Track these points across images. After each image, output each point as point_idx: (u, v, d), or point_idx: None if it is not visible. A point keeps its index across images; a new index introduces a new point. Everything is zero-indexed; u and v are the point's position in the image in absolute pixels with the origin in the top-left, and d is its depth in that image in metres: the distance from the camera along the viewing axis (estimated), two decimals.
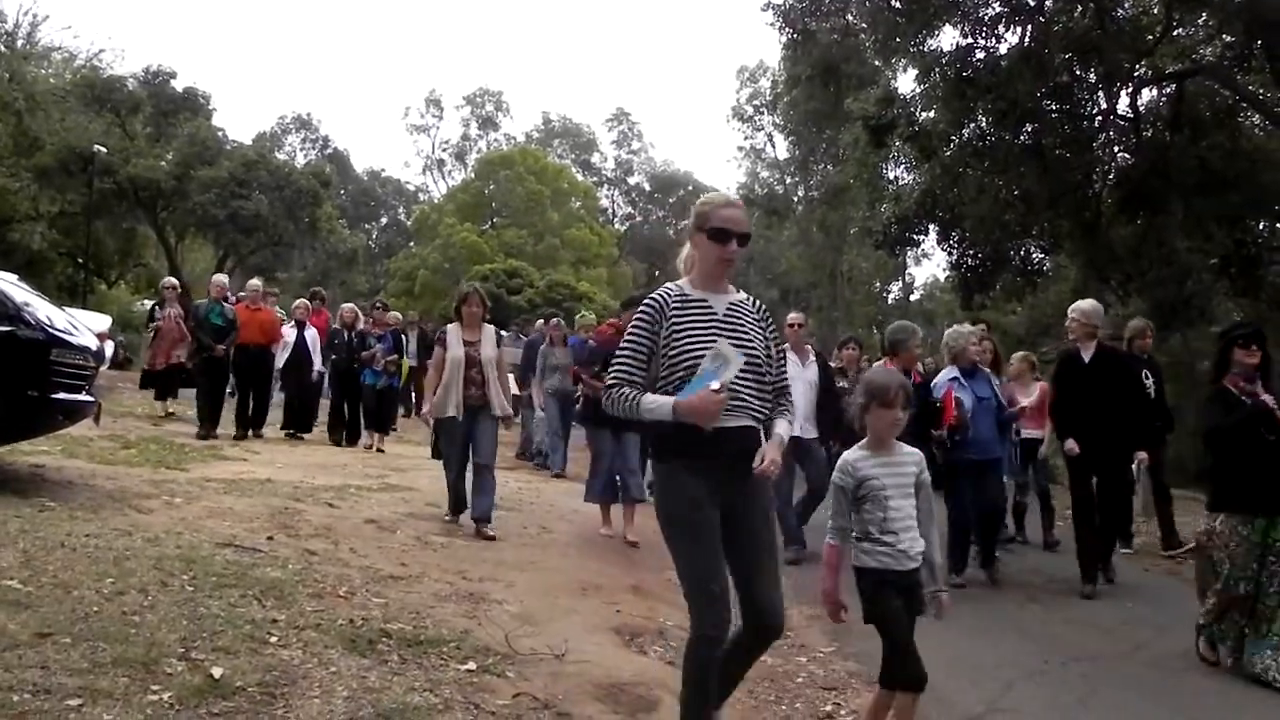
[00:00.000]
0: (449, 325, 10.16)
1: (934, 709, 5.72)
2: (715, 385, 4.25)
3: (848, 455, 5.03)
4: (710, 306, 4.66)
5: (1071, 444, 9.55)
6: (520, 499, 11.83)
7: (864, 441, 5.04)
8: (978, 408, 9.72)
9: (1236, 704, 6.51)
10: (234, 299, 16.50)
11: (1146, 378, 11.03)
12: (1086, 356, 9.68)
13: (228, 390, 15.88)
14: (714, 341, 4.44)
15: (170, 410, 16.44)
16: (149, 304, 18.83)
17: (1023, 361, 12.68)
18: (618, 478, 10.81)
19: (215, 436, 14.41)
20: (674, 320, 4.58)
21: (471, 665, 5.47)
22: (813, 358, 11.25)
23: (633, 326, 4.66)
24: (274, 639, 5.24)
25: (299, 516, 8.65)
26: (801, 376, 10.47)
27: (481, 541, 9.25)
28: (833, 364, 12.79)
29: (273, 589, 6.07)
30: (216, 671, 4.62)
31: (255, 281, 17.30)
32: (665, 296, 4.68)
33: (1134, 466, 10.75)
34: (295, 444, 15.35)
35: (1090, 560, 9.63)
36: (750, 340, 4.64)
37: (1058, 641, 7.88)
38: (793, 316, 11.37)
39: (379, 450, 15.43)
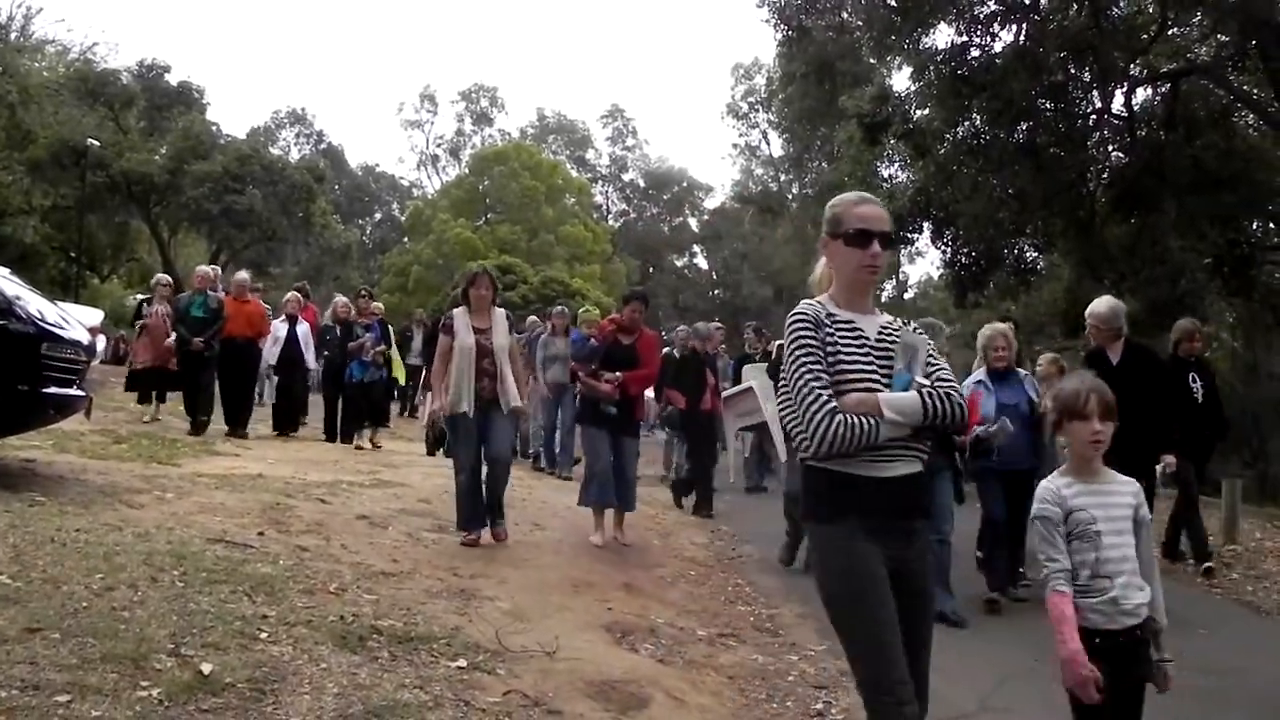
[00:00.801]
0: (455, 310, 9.28)
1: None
2: (921, 383, 3.75)
3: (1048, 483, 4.22)
4: (860, 330, 3.87)
5: None
6: (512, 496, 11.70)
7: (1064, 466, 4.26)
8: (1006, 414, 8.48)
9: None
10: (224, 293, 15.87)
11: (1194, 381, 10.41)
12: (1114, 358, 9.01)
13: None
14: (871, 372, 3.76)
15: (157, 417, 15.36)
16: (139, 298, 18.17)
17: (1052, 364, 11.40)
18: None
19: (192, 432, 14.22)
20: (829, 342, 3.80)
21: (462, 662, 5.46)
22: None
23: (799, 340, 3.78)
24: (264, 635, 5.22)
25: (290, 512, 8.61)
26: None
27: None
28: None
29: (263, 585, 6.05)
30: (206, 668, 4.60)
31: (242, 274, 16.68)
32: (815, 312, 3.85)
33: (1158, 469, 9.56)
34: (287, 440, 15.23)
35: None
36: None
37: (1050, 640, 7.87)
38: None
39: (375, 446, 15.20)
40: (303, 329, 16.48)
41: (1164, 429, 9.09)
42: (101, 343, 17.14)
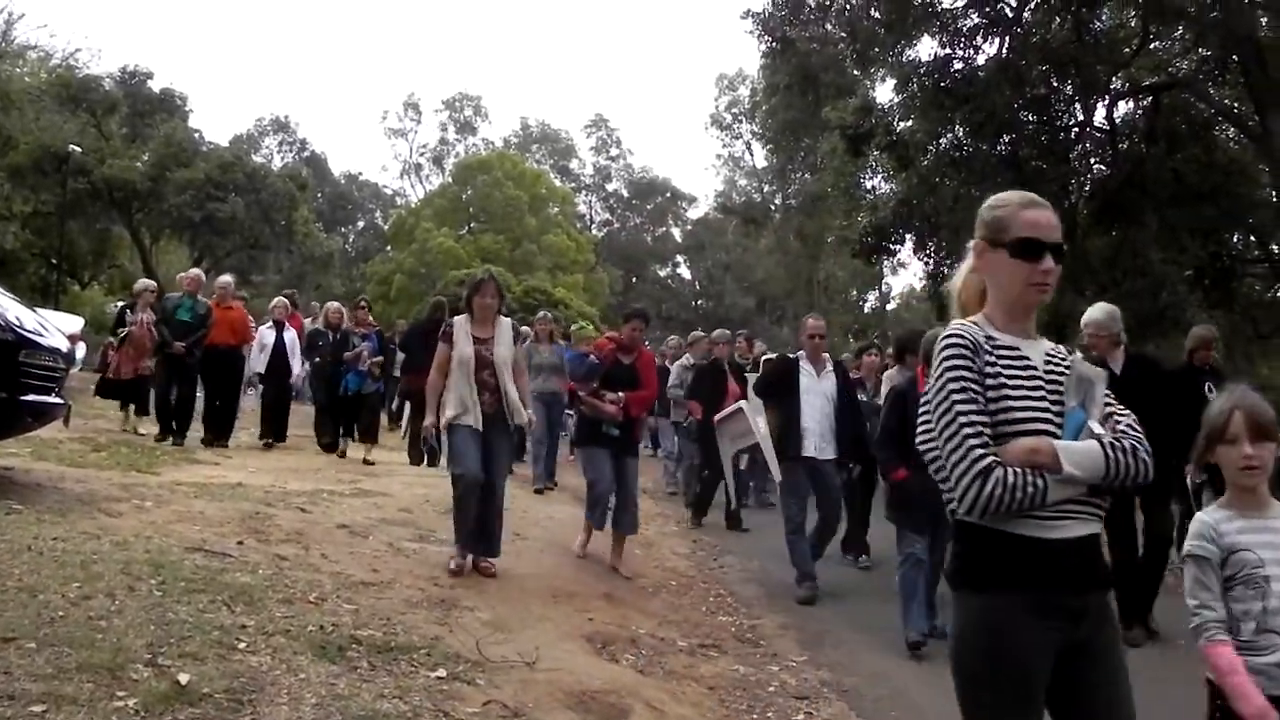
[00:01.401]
0: (456, 319, 8.52)
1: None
2: (1098, 429, 3.06)
3: (1205, 516, 3.53)
4: (1026, 358, 3.20)
5: None
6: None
7: (1222, 499, 3.58)
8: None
9: None
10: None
11: (1210, 390, 9.09)
12: (1115, 367, 8.27)
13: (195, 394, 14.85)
14: (1042, 410, 3.08)
15: (138, 429, 14.58)
16: (120, 305, 16.96)
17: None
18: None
19: (174, 442, 13.89)
20: (989, 372, 3.13)
21: (442, 672, 5.41)
22: (830, 368, 10.04)
23: (953, 371, 3.11)
24: (242, 645, 5.17)
25: (270, 521, 8.53)
26: (818, 389, 9.76)
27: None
28: (853, 375, 11.61)
29: (242, 594, 5.99)
30: (183, 678, 4.55)
31: (225, 278, 16.05)
32: (973, 336, 3.17)
33: (1187, 481, 8.48)
34: (269, 450, 14.88)
35: (1131, 601, 8.07)
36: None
37: None
38: (813, 324, 10.36)
39: (367, 462, 14.12)
40: (290, 336, 15.62)
41: (1179, 439, 8.17)
42: (81, 350, 16.71)
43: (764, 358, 15.41)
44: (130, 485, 9.38)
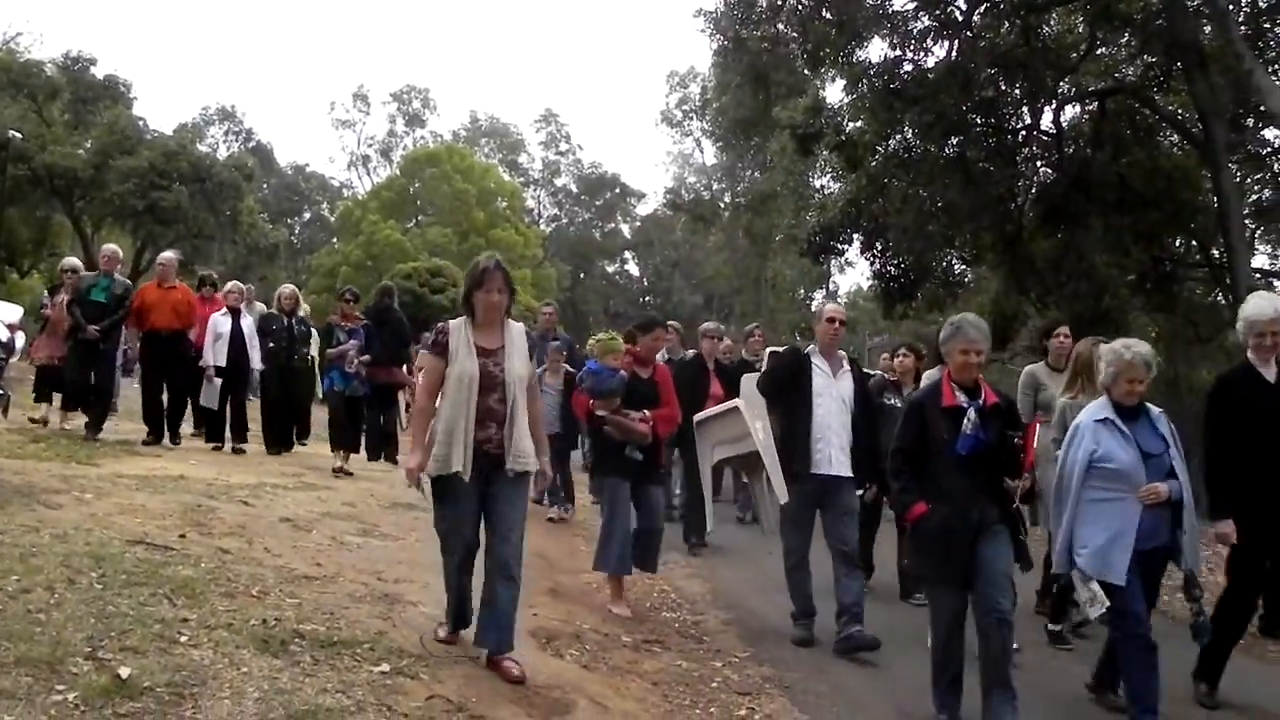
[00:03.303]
0: (451, 322, 6.25)
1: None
2: None
3: None
4: None
5: (1228, 529, 6.63)
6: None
7: None
8: (1152, 467, 6.07)
9: None
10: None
11: None
12: (1270, 374, 6.80)
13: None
14: None
15: (45, 417, 13.50)
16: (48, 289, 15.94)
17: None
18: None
19: (158, 442, 12.89)
20: None
21: (385, 667, 5.39)
22: (847, 366, 8.23)
23: None
24: (184, 639, 5.11)
25: (213, 514, 8.44)
26: (834, 391, 7.98)
27: (397, 543, 8.95)
28: (889, 379, 10.32)
29: (184, 588, 5.92)
30: (124, 671, 4.50)
31: (168, 254, 14.46)
32: None
33: None
34: (223, 451, 13.42)
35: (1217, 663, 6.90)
36: None
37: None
38: (832, 309, 8.47)
39: (345, 473, 12.44)
40: (249, 323, 13.95)
41: None
42: (21, 340, 15.96)
43: (769, 350, 13.21)
44: (70, 477, 9.26)
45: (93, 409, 12.81)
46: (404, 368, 15.03)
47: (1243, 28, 20.11)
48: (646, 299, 73.35)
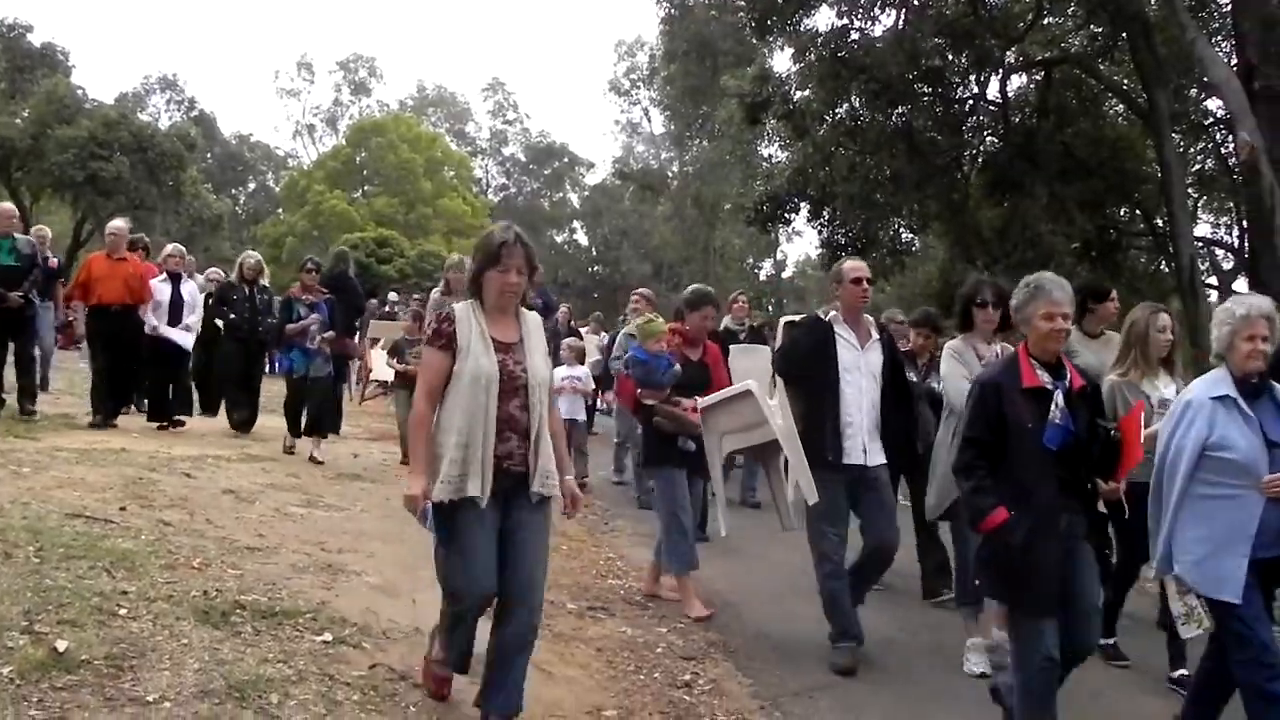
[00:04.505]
0: (457, 305, 4.96)
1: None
2: None
3: None
4: None
5: None
6: (385, 470, 11.63)
7: None
8: (1262, 457, 4.93)
9: None
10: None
11: None
12: None
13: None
14: None
15: None
16: None
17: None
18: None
19: (112, 425, 11.94)
20: None
21: (328, 636, 5.37)
22: (876, 336, 7.04)
23: None
24: (123, 611, 5.07)
25: (154, 487, 8.36)
26: (863, 365, 6.87)
27: (342, 513, 8.88)
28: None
29: (123, 560, 5.87)
30: (61, 644, 4.47)
31: (118, 222, 13.16)
32: None
33: None
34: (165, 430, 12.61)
35: None
36: None
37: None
38: (854, 266, 7.15)
39: (315, 460, 11.42)
40: (189, 289, 13.23)
41: None
42: None
43: (784, 321, 12.69)
44: (7, 451, 9.13)
45: (22, 381, 11.91)
46: (355, 337, 14.83)
47: None
48: (595, 268, 73.24)
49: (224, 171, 73.45)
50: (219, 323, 13.30)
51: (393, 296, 26.19)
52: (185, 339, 12.90)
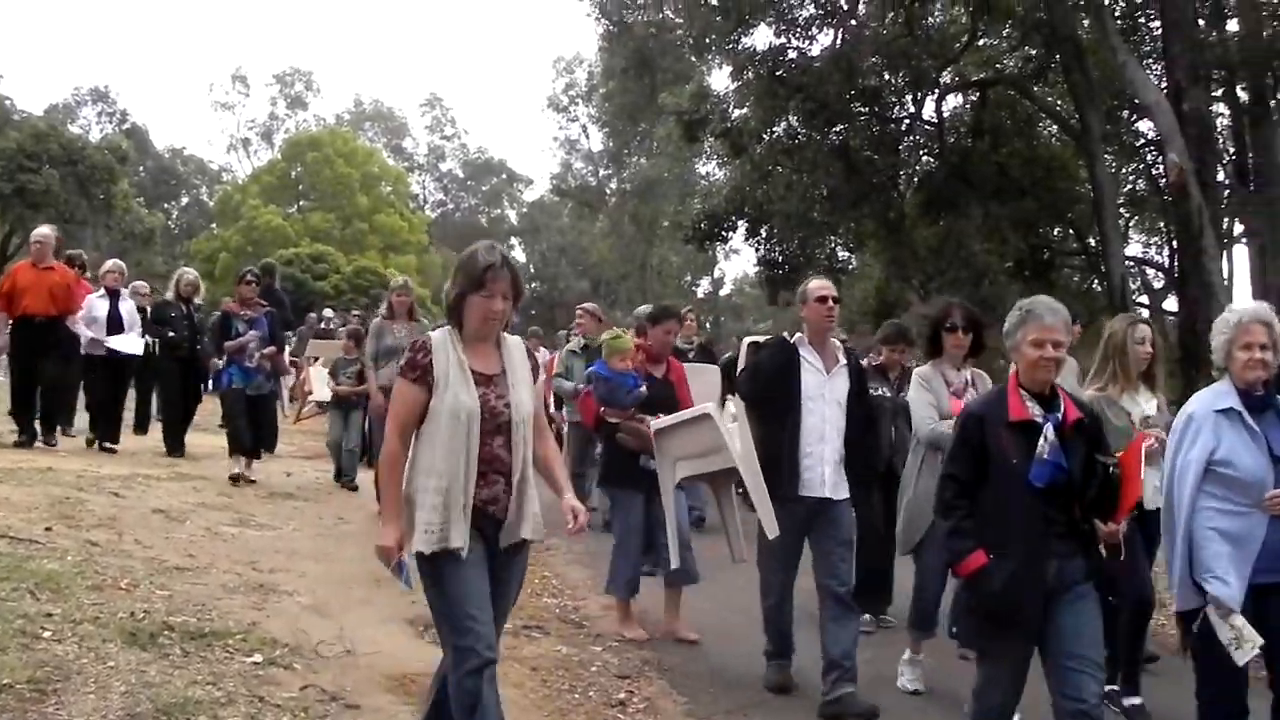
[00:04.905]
0: (434, 335, 4.47)
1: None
2: None
3: None
4: None
5: None
6: (318, 488, 11.52)
7: None
8: (1268, 474, 4.70)
9: None
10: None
11: None
12: None
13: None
14: None
15: None
16: None
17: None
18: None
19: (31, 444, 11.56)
20: None
21: (258, 658, 5.31)
22: (844, 360, 6.51)
23: None
24: (48, 634, 4.99)
25: (81, 506, 8.22)
26: (825, 392, 6.34)
27: (274, 533, 8.78)
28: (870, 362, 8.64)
29: (49, 582, 5.78)
30: None
31: (44, 229, 12.52)
32: None
33: None
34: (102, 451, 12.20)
35: None
36: None
37: None
38: (820, 285, 6.60)
39: (248, 480, 10.93)
40: (128, 307, 12.84)
41: None
42: None
43: (748, 341, 11.72)
44: None
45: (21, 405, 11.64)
46: (283, 351, 14.56)
47: (1118, 21, 20.63)
48: (533, 285, 73.20)
49: (156, 185, 72.63)
50: (154, 340, 12.80)
51: (328, 314, 25.91)
52: (134, 344, 12.57)
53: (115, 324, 12.48)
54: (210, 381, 13.43)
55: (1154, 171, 23.99)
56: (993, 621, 4.60)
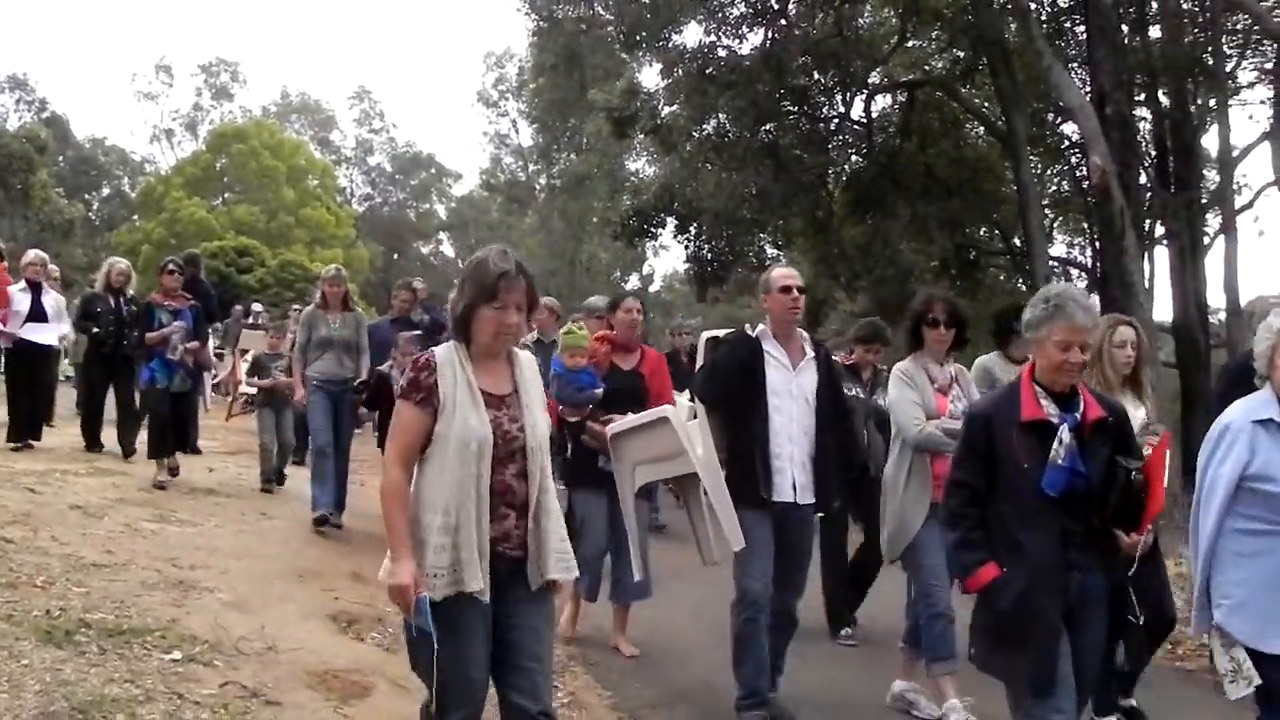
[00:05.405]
0: (438, 352, 3.99)
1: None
2: None
3: None
4: None
5: None
6: (240, 484, 11.34)
7: None
8: None
9: None
10: None
11: None
12: None
13: None
14: None
15: None
16: None
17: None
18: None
19: None
20: None
21: (177, 655, 5.25)
22: (812, 354, 6.13)
23: None
24: None
25: None
26: (795, 389, 5.96)
27: (195, 529, 8.61)
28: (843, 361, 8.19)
29: None
30: None
31: None
32: None
33: None
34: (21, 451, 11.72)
35: None
36: None
37: None
38: (784, 274, 6.31)
39: (165, 477, 10.39)
40: (52, 300, 12.37)
41: None
42: None
43: (707, 336, 11.18)
44: None
45: None
46: (207, 345, 14.20)
47: (1044, 26, 20.84)
48: None
49: (77, 176, 71.50)
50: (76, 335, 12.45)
51: (256, 307, 25.60)
52: (48, 333, 12.18)
53: (39, 318, 12.02)
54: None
55: (1078, 173, 24.27)
56: (1011, 642, 4.19)
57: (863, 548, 7.90)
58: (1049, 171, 26.77)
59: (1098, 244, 21.18)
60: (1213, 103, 21.12)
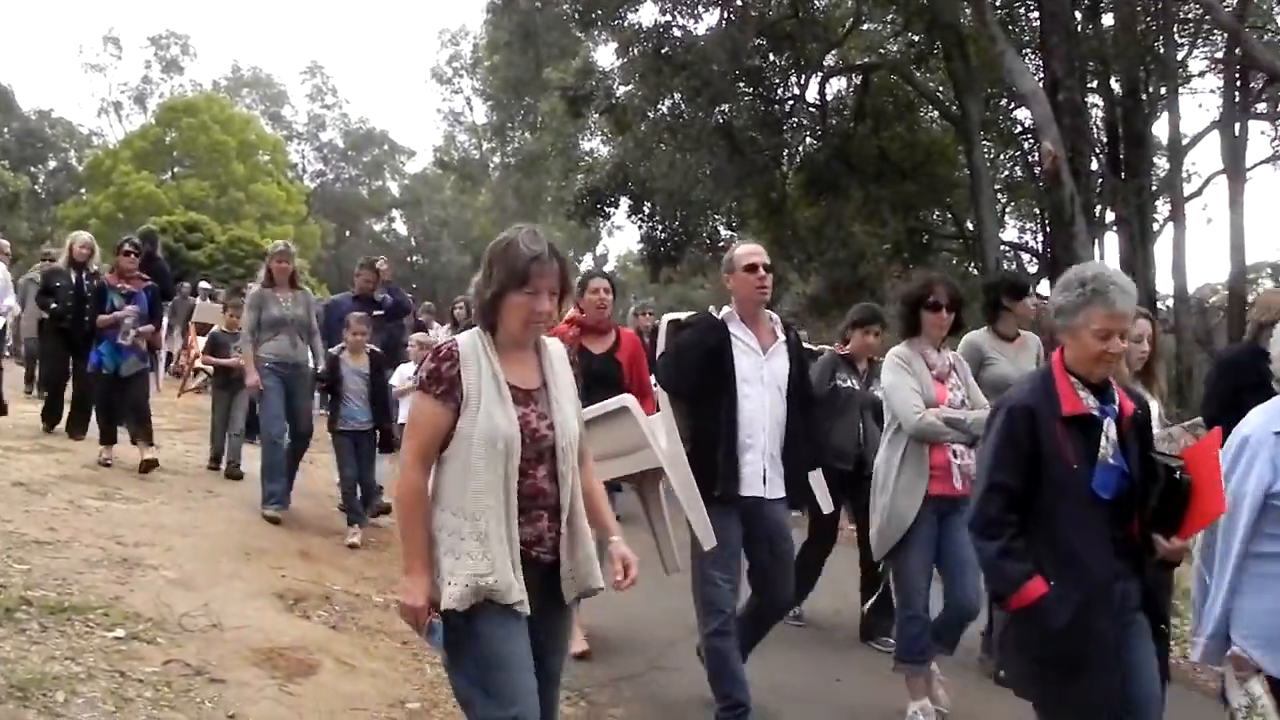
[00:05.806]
0: (462, 338, 3.63)
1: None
2: None
3: None
4: None
5: None
6: (186, 461, 11.22)
7: None
8: None
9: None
10: None
11: None
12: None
13: None
14: None
15: None
16: None
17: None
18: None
19: None
20: None
21: (120, 632, 5.21)
22: (782, 337, 5.67)
23: None
24: None
25: None
26: (764, 373, 5.50)
27: (140, 506, 8.48)
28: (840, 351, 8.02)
29: None
30: None
31: None
32: None
33: None
34: None
35: None
36: None
37: None
38: (749, 251, 5.73)
39: (149, 463, 9.89)
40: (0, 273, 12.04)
41: None
42: None
43: (668, 319, 10.30)
44: None
45: None
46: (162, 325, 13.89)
47: (998, 11, 20.98)
48: (414, 259, 72.57)
49: (22, 148, 70.56)
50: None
51: (205, 285, 25.32)
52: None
53: None
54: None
55: (1030, 159, 24.47)
56: (1064, 665, 3.70)
57: (812, 535, 7.62)
58: (1001, 156, 26.97)
59: (1049, 229, 21.37)
60: (1164, 91, 21.38)
